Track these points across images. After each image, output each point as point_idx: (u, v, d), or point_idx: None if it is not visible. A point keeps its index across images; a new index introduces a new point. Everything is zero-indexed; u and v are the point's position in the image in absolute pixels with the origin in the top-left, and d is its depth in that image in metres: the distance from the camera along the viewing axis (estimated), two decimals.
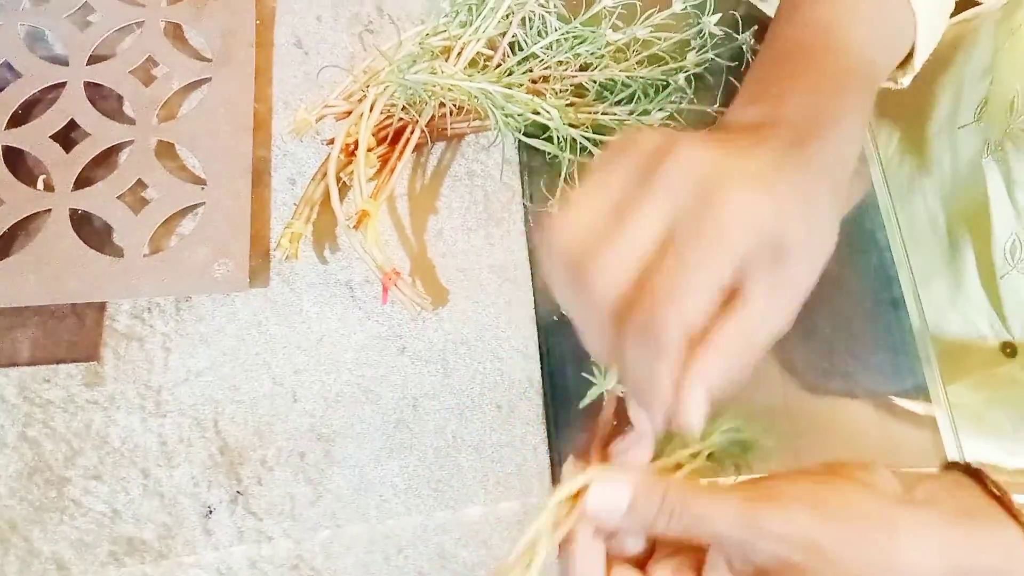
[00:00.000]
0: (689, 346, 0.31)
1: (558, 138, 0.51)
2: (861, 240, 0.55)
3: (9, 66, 0.53)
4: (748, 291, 0.32)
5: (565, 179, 0.53)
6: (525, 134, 0.52)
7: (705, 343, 0.32)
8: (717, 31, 0.55)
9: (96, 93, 0.53)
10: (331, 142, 0.51)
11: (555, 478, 0.47)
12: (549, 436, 0.48)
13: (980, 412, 0.63)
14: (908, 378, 0.52)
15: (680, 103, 0.55)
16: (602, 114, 0.53)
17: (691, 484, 0.34)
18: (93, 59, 0.54)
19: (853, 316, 0.53)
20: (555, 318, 0.50)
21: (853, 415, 0.52)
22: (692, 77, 0.55)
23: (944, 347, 0.61)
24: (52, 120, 0.52)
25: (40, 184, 0.50)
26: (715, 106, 0.56)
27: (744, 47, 0.57)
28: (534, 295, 0.51)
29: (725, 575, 0.33)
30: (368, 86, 0.52)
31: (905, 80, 0.50)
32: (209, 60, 0.55)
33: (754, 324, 0.32)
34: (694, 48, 0.56)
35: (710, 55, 0.55)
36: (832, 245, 0.35)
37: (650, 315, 0.31)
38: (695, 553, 0.35)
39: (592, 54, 0.54)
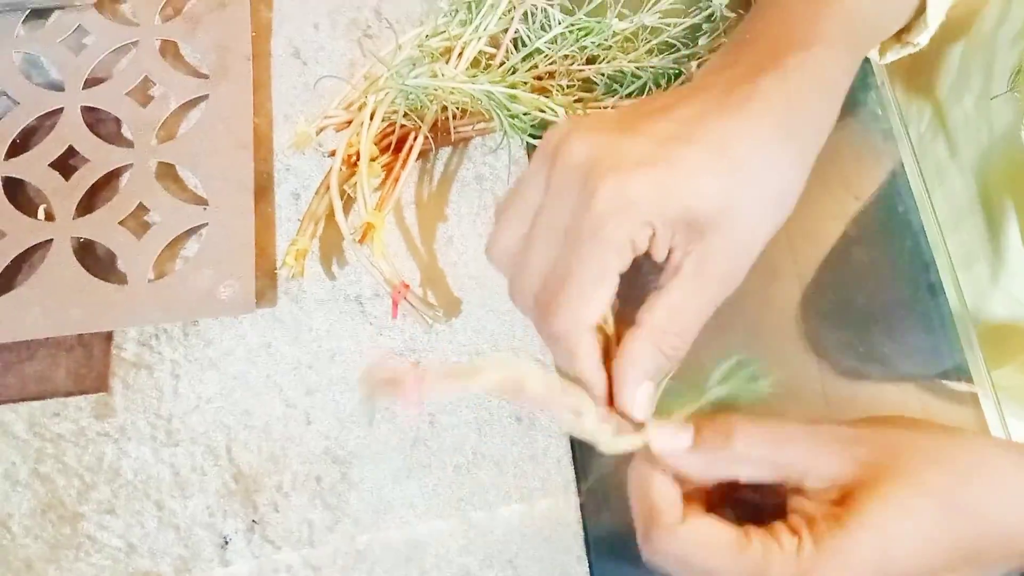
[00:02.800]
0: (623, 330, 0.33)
1: None
2: (894, 224, 0.52)
3: (6, 95, 0.52)
4: (671, 269, 0.33)
5: None
6: (532, 134, 0.50)
7: (632, 329, 0.32)
8: (729, 13, 0.53)
9: (94, 117, 0.52)
10: (333, 153, 0.50)
11: (580, 489, 0.45)
12: (572, 448, 0.46)
13: None
14: (949, 363, 0.50)
15: None
16: (612, 108, 0.51)
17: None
18: (89, 83, 0.53)
19: (889, 303, 0.51)
20: None
21: (891, 400, 0.50)
22: (705, 63, 0.53)
23: (989, 330, 0.58)
24: (50, 148, 0.51)
25: (41, 214, 0.49)
26: None
27: None
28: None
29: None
30: (368, 94, 0.50)
31: (922, 39, 0.48)
32: (206, 76, 0.53)
33: (680, 301, 0.32)
34: (705, 32, 0.53)
35: (723, 39, 0.53)
36: (783, 191, 0.33)
37: (548, 323, 0.32)
38: None
39: (599, 46, 0.52)
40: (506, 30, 0.51)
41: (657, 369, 0.32)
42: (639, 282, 0.34)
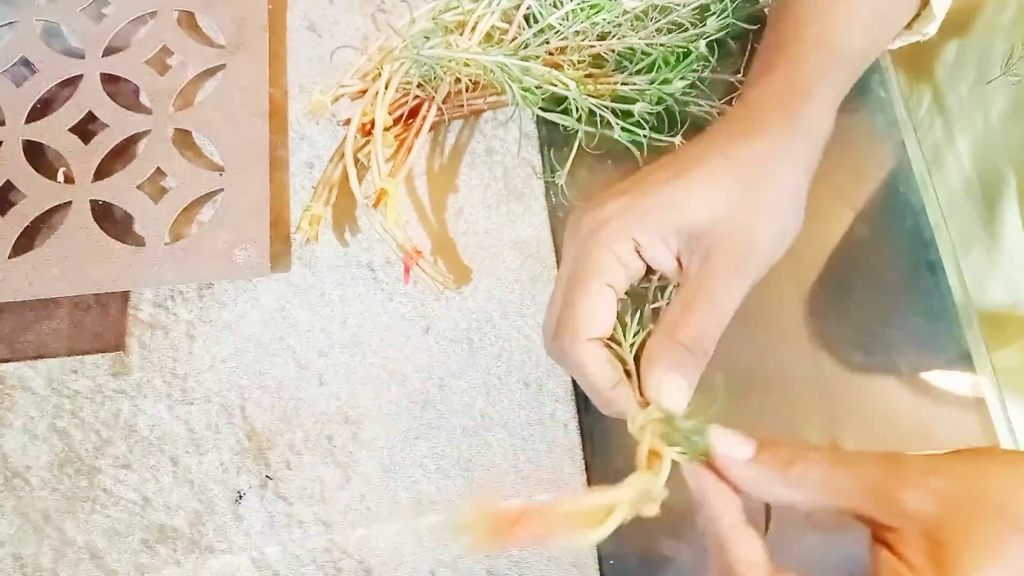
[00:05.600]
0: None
1: (576, 109, 0.50)
2: (895, 204, 0.53)
3: (26, 61, 0.53)
4: (683, 278, 0.35)
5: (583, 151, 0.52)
6: (542, 108, 0.51)
7: (653, 333, 0.35)
8: None
9: (112, 85, 0.53)
10: (347, 122, 0.51)
11: (586, 454, 0.46)
12: (579, 412, 0.47)
13: None
14: (950, 345, 0.51)
15: (702, 71, 0.54)
16: (622, 84, 0.52)
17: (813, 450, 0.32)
18: (108, 51, 0.54)
19: (890, 281, 0.52)
20: None
21: (893, 392, 0.50)
22: (714, 44, 0.54)
23: (988, 313, 0.59)
24: (70, 113, 0.52)
25: (60, 177, 0.50)
26: (738, 75, 0.54)
27: (766, 10, 0.55)
28: (558, 270, 0.50)
29: None
30: (383, 64, 0.51)
31: (931, 29, 0.49)
32: (223, 47, 0.54)
33: (689, 295, 0.34)
34: (714, 13, 0.54)
35: (731, 19, 0.54)
36: (781, 219, 0.37)
37: (556, 347, 0.35)
38: None
39: (610, 23, 0.53)
40: (519, 6, 0.52)
41: (678, 361, 0.33)
42: None
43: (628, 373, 0.34)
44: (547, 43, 0.52)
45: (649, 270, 0.37)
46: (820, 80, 0.41)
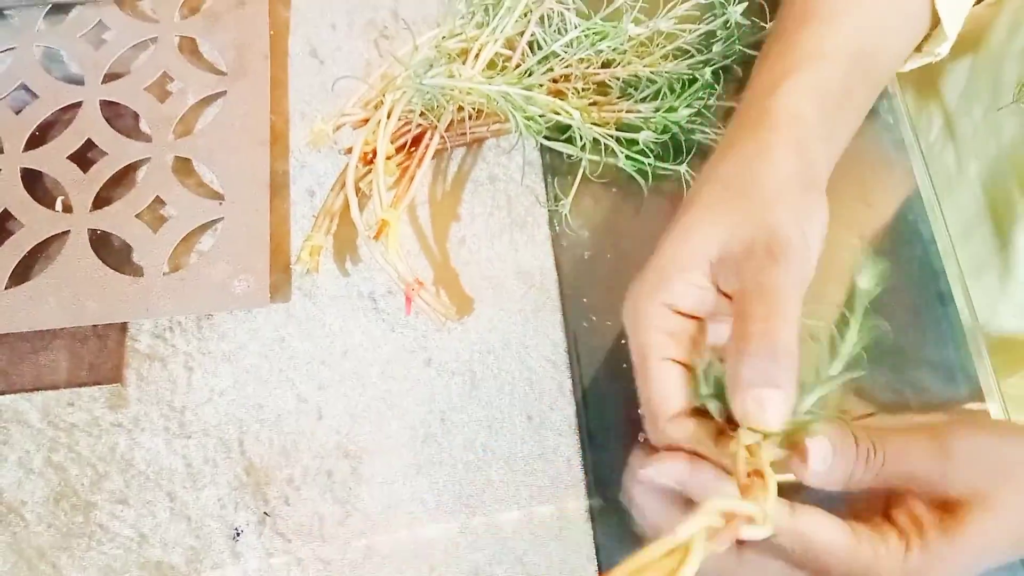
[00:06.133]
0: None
1: (580, 138, 0.49)
2: (905, 233, 0.53)
3: (26, 88, 0.53)
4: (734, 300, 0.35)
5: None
6: (546, 136, 0.51)
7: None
8: (744, 21, 0.53)
9: (112, 111, 0.53)
10: (349, 151, 0.50)
11: (589, 489, 0.45)
12: (583, 446, 0.46)
13: None
14: (959, 373, 0.50)
15: (708, 99, 0.53)
16: (627, 112, 0.51)
17: (875, 427, 0.34)
18: (108, 77, 0.53)
19: (899, 313, 0.51)
20: (585, 324, 0.49)
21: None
22: (720, 70, 0.53)
23: (997, 340, 0.58)
24: (69, 140, 0.51)
25: (58, 205, 0.50)
26: None
27: None
28: (562, 300, 0.49)
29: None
30: (385, 93, 0.50)
31: (942, 49, 0.48)
32: (224, 73, 0.54)
33: (749, 313, 0.33)
34: (720, 39, 0.54)
35: (738, 46, 0.53)
36: (788, 201, 0.36)
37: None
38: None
39: (614, 50, 0.52)
40: (522, 33, 0.52)
41: (759, 375, 0.31)
42: None
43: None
44: (551, 70, 0.51)
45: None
46: (785, 77, 0.40)
